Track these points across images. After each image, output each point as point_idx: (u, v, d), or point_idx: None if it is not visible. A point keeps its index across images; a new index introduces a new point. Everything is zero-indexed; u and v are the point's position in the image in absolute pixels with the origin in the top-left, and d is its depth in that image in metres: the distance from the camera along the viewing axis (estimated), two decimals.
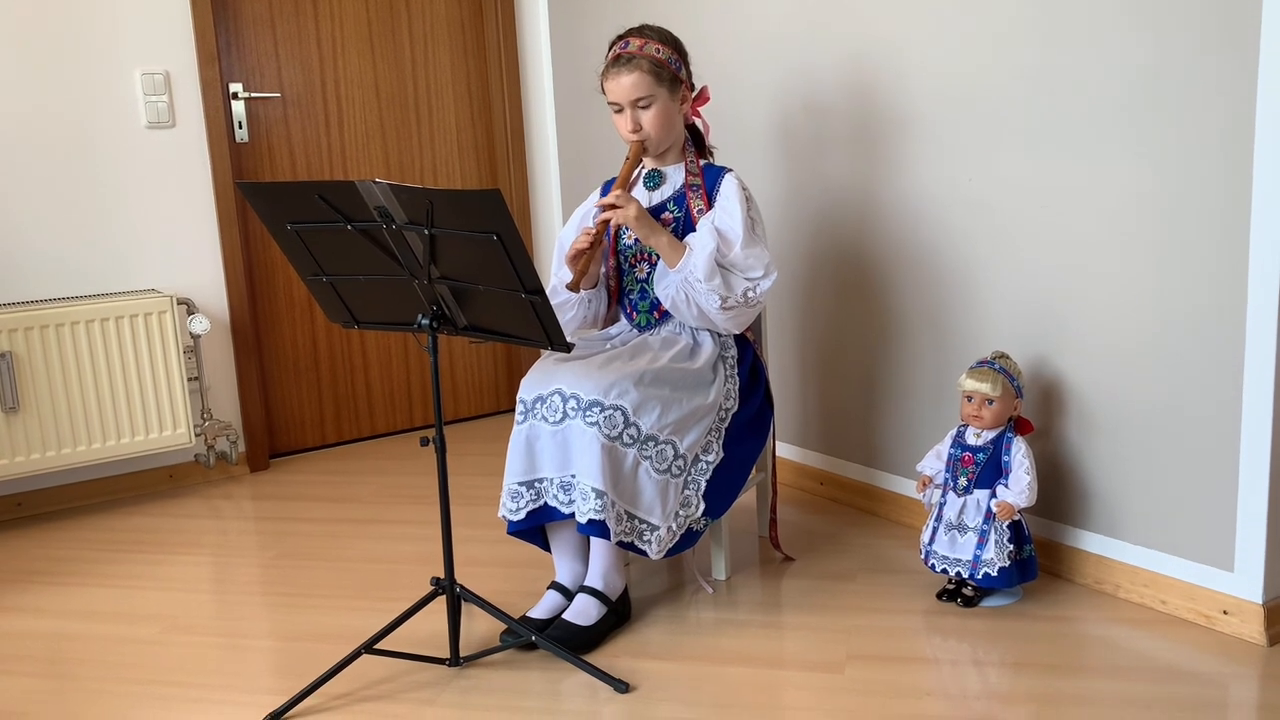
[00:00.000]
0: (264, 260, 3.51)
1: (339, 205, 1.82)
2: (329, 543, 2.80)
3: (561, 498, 2.12)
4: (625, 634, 2.17)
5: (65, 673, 2.13)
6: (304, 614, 2.36)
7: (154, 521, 3.03)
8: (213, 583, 2.60)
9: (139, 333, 3.08)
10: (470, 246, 1.77)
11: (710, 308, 2.20)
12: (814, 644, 2.10)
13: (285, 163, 3.52)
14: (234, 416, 3.42)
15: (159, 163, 3.23)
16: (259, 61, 3.44)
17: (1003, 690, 1.89)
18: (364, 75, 3.61)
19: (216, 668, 2.12)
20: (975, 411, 2.20)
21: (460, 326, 1.95)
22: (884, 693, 1.90)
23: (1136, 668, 1.95)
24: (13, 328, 2.91)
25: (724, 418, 2.27)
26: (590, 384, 2.10)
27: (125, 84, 3.15)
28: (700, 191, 2.31)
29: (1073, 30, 2.16)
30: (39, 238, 3.08)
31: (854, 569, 2.45)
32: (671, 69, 2.26)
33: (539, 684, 1.99)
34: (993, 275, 2.41)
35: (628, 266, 2.38)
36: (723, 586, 2.39)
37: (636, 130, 2.25)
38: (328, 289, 2.02)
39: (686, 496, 2.19)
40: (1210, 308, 2.01)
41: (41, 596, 2.52)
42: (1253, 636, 2.01)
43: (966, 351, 2.47)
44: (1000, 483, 2.18)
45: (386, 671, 2.04)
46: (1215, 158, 1.96)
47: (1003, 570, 2.14)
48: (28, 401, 2.95)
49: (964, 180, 2.43)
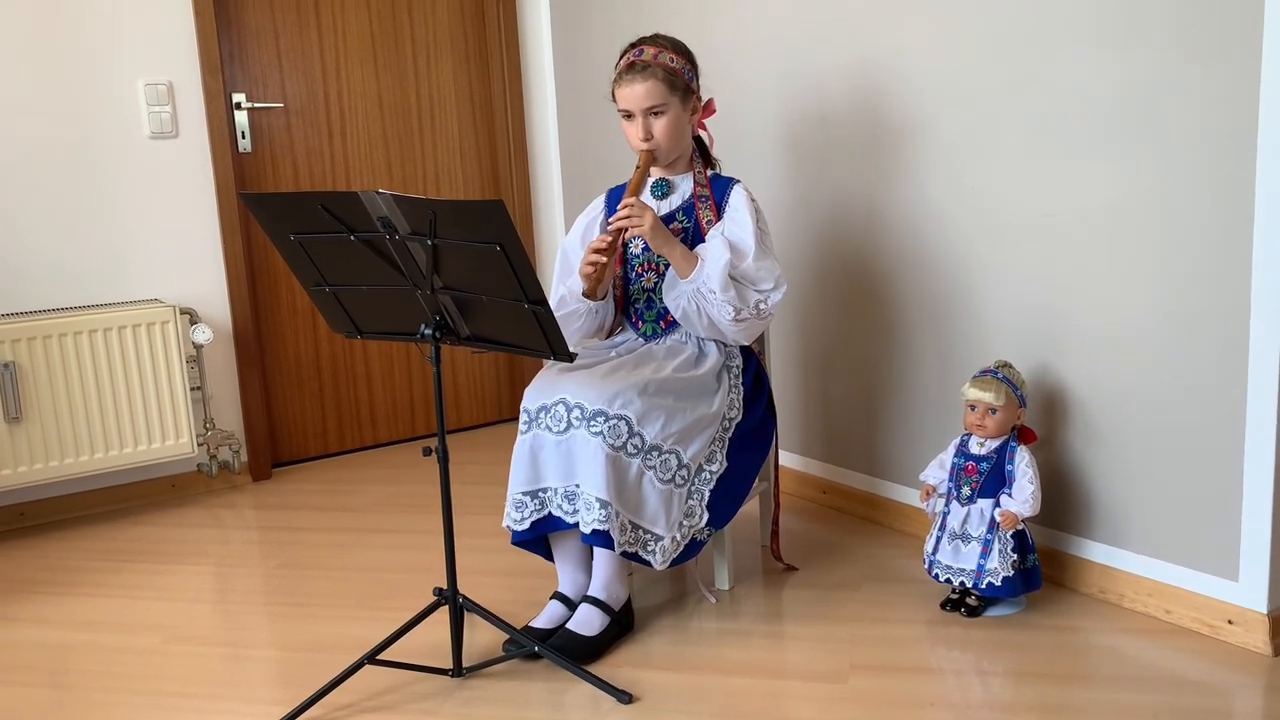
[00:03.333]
0: (266, 270, 3.51)
1: (342, 216, 1.83)
2: (331, 552, 2.79)
3: (566, 507, 2.12)
4: (628, 644, 2.17)
5: (67, 683, 2.13)
6: (306, 624, 2.35)
7: (156, 531, 3.03)
8: (215, 592, 2.59)
9: (141, 343, 3.08)
10: (473, 257, 1.77)
11: (723, 319, 2.20)
12: (817, 654, 2.09)
13: (288, 173, 3.52)
14: (236, 426, 3.42)
15: (162, 173, 3.23)
16: (262, 72, 3.45)
17: (1006, 700, 1.89)
18: (366, 85, 3.62)
19: (219, 678, 2.12)
20: (979, 420, 2.20)
21: (463, 336, 1.95)
22: (887, 703, 1.90)
23: (1141, 678, 1.94)
24: (16, 338, 2.91)
25: (728, 427, 2.27)
26: (594, 393, 2.10)
27: (129, 94, 3.16)
28: (709, 202, 2.31)
29: (1074, 37, 2.16)
30: (42, 247, 3.09)
31: (857, 579, 2.44)
32: (684, 79, 2.26)
33: (542, 695, 1.99)
34: (996, 284, 2.41)
35: (634, 275, 2.38)
36: (726, 596, 2.39)
37: (648, 139, 2.25)
38: (330, 299, 2.02)
39: (690, 506, 2.18)
40: (1214, 317, 2.01)
41: (44, 607, 2.52)
42: (1257, 646, 2.01)
43: (970, 360, 2.47)
44: (1004, 492, 2.18)
45: (389, 682, 2.03)
46: (1218, 165, 1.96)
47: (1006, 580, 2.14)
48: (30, 411, 2.95)
49: (967, 190, 2.43)
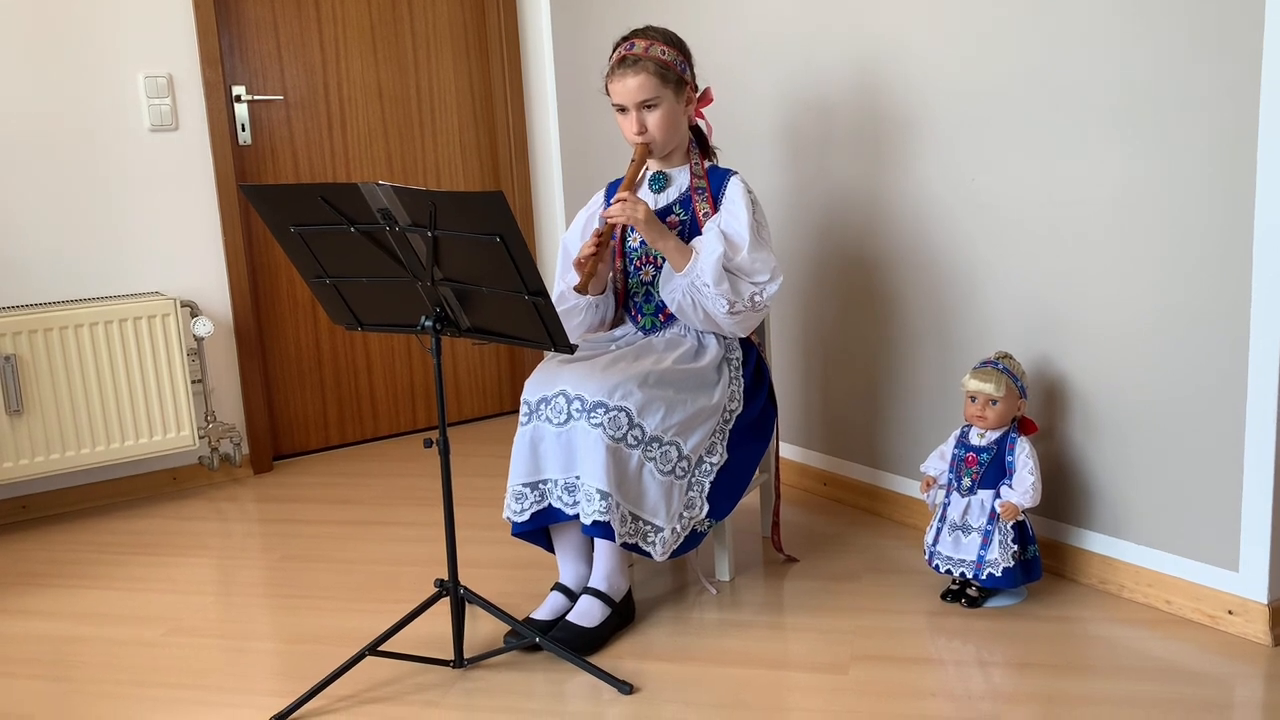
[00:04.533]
0: (267, 262, 3.51)
1: (342, 208, 1.82)
2: (333, 544, 2.80)
3: (566, 499, 2.12)
4: (629, 635, 2.17)
5: (69, 675, 2.13)
6: (308, 616, 2.36)
7: (158, 524, 3.03)
8: (216, 585, 2.60)
9: (143, 335, 3.08)
10: (473, 248, 1.77)
11: (717, 312, 2.20)
12: (818, 645, 2.10)
13: (288, 165, 3.52)
14: (238, 418, 3.43)
15: (162, 166, 3.23)
16: (262, 64, 3.44)
17: (1007, 691, 1.89)
18: (366, 77, 3.61)
19: (220, 670, 2.12)
20: (979, 412, 2.20)
21: (464, 328, 1.95)
22: (888, 693, 1.90)
23: (1141, 668, 1.95)
24: (17, 330, 2.91)
25: (728, 419, 2.27)
26: (595, 385, 2.10)
27: (128, 87, 3.16)
28: (706, 194, 2.31)
29: (1075, 31, 2.16)
30: (43, 240, 3.09)
31: (858, 570, 2.44)
32: (677, 70, 2.26)
33: (543, 685, 1.99)
34: (996, 275, 2.41)
35: (633, 269, 2.38)
36: (726, 588, 2.39)
37: (642, 132, 2.25)
38: (331, 291, 2.02)
39: (691, 498, 2.19)
40: (1214, 307, 2.01)
41: (45, 599, 2.52)
42: (1258, 636, 2.01)
43: (970, 352, 2.46)
44: (1004, 483, 2.18)
45: (390, 673, 2.04)
46: (1219, 158, 1.96)
47: (1007, 570, 2.14)
48: (32, 404, 2.95)
49: (967, 181, 2.42)
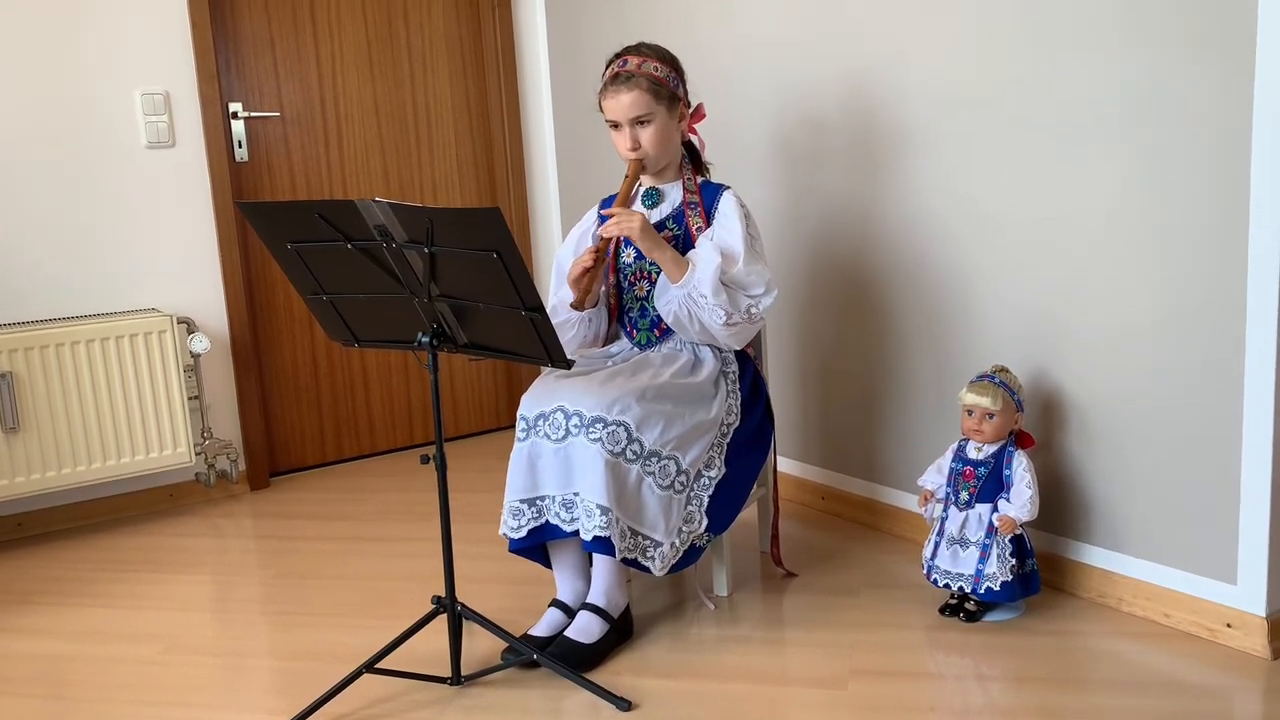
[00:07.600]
0: (264, 279, 3.51)
1: (339, 224, 1.83)
2: (329, 561, 2.79)
3: (563, 516, 2.12)
4: (627, 652, 2.17)
5: (65, 693, 2.12)
6: (304, 633, 2.35)
7: (154, 541, 3.02)
8: (213, 602, 2.59)
9: (139, 352, 3.07)
10: (470, 264, 1.77)
11: (714, 323, 2.20)
12: (816, 660, 2.09)
13: (285, 182, 3.53)
14: (234, 435, 3.42)
15: (159, 182, 3.23)
16: (258, 81, 3.45)
17: (1005, 705, 1.89)
18: (363, 94, 3.62)
19: (217, 687, 2.11)
20: (976, 425, 2.20)
21: (460, 344, 1.95)
22: (887, 708, 1.89)
23: (1139, 682, 1.94)
24: (13, 348, 2.91)
25: (725, 433, 2.27)
26: (592, 400, 2.10)
27: (125, 104, 3.16)
28: (699, 209, 2.32)
29: (1068, 43, 2.17)
30: (39, 257, 3.09)
31: (856, 584, 2.44)
32: (670, 87, 2.27)
33: (541, 703, 1.99)
34: (992, 289, 2.41)
35: (627, 284, 2.38)
36: (724, 603, 2.39)
37: (635, 148, 2.26)
38: (328, 308, 2.02)
39: (689, 512, 2.18)
40: (1210, 320, 2.01)
41: (42, 617, 2.51)
42: (1256, 650, 2.01)
43: (966, 365, 2.47)
44: (1002, 497, 2.18)
45: (388, 691, 2.03)
46: (1212, 170, 1.97)
47: (1005, 584, 2.14)
48: (28, 421, 2.95)
49: (962, 194, 2.43)
